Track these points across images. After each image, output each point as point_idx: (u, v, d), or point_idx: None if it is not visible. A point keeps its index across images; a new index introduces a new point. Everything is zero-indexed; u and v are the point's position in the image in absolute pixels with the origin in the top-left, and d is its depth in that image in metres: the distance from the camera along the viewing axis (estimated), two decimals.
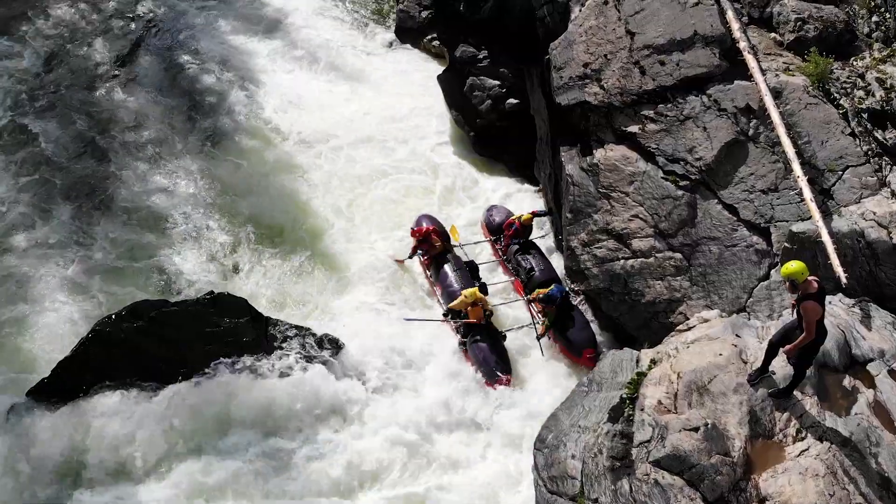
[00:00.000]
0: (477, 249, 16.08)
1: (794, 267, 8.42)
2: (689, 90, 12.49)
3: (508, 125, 17.81)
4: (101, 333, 11.95)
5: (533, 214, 15.55)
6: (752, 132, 11.90)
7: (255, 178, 17.34)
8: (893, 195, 10.83)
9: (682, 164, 12.31)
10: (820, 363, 9.20)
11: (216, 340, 12.29)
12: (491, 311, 13.89)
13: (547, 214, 15.96)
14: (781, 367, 9.12)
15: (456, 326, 13.92)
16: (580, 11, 14.03)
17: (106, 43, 21.21)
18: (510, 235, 15.47)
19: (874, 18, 12.63)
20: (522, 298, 14.78)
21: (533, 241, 15.59)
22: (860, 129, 11.47)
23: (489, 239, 16.24)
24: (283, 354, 12.57)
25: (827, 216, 10.73)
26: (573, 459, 9.72)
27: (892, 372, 9.21)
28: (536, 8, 15.49)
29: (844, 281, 10.10)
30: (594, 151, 13.33)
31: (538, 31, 15.46)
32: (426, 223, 15.59)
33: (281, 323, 13.07)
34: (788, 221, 11.19)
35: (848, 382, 9.19)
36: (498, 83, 17.95)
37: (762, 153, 11.77)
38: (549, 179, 15.68)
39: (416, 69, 21.39)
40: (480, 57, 18.21)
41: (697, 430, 8.64)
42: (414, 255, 15.29)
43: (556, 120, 14.57)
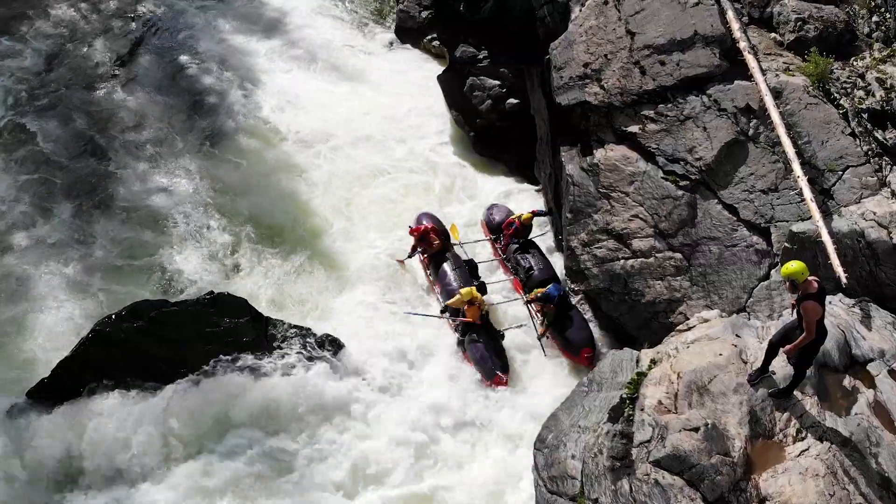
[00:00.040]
0: (477, 248, 16.07)
1: (794, 267, 8.42)
2: (689, 90, 12.48)
3: (508, 125, 17.77)
4: (101, 333, 11.98)
5: (533, 214, 15.54)
6: (752, 132, 11.89)
7: (254, 177, 17.34)
8: (893, 195, 10.83)
9: (682, 164, 12.30)
10: (820, 363, 9.20)
11: (216, 340, 12.31)
12: (487, 310, 13.87)
13: (547, 214, 15.94)
14: (781, 367, 9.12)
15: (455, 325, 13.93)
16: (580, 11, 14.03)
17: (106, 42, 21.25)
18: (510, 234, 15.45)
19: (874, 18, 12.63)
20: (521, 297, 14.78)
21: (532, 240, 15.57)
22: (860, 129, 11.47)
23: (489, 238, 16.22)
24: (283, 354, 12.58)
25: (827, 216, 10.72)
26: (573, 459, 9.72)
27: (892, 372, 9.21)
28: (536, 8, 15.47)
29: (844, 281, 10.10)
30: (594, 151, 13.33)
31: (538, 31, 15.44)
32: (426, 221, 15.59)
33: (281, 323, 13.07)
34: (788, 221, 11.18)
35: (848, 382, 9.19)
36: (498, 83, 17.93)
37: (762, 153, 11.77)
38: (549, 179, 15.67)
39: (415, 69, 21.34)
40: (480, 57, 18.18)
41: (697, 430, 8.64)
42: (414, 253, 15.28)
43: (556, 120, 14.57)
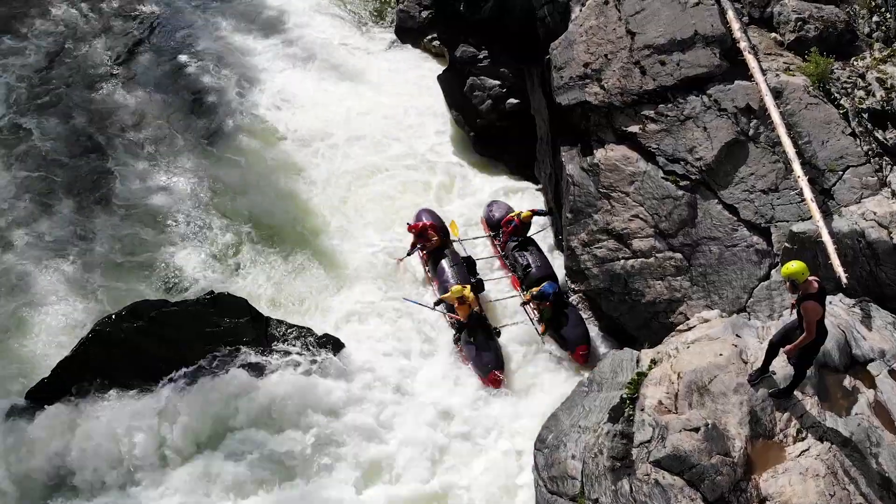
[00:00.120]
0: (478, 245, 16.07)
1: (794, 267, 8.42)
2: (689, 90, 12.47)
3: (509, 125, 17.75)
4: (101, 333, 11.97)
5: (533, 213, 15.54)
6: (752, 132, 11.89)
7: (253, 176, 17.35)
8: (894, 195, 10.82)
9: (682, 164, 12.30)
10: (820, 363, 9.20)
11: (216, 340, 12.30)
12: (480, 309, 13.81)
13: (547, 214, 15.93)
14: (782, 367, 9.12)
15: (451, 322, 13.93)
16: (580, 11, 14.01)
17: (106, 41, 21.27)
18: (509, 232, 15.46)
19: (875, 18, 12.62)
20: (519, 294, 14.78)
21: (531, 237, 15.57)
22: (861, 129, 11.46)
23: (489, 234, 16.24)
24: (283, 354, 12.57)
25: (827, 216, 10.72)
26: (573, 460, 9.73)
27: (892, 372, 9.20)
28: (537, 8, 15.46)
29: (845, 281, 10.10)
30: (594, 151, 13.32)
31: (538, 30, 15.43)
32: (425, 218, 15.60)
33: (281, 323, 13.07)
34: (789, 221, 11.18)
35: (848, 382, 9.19)
36: (498, 83, 17.91)
37: (762, 153, 11.76)
38: (549, 179, 15.67)
39: (415, 69, 21.32)
40: (481, 57, 18.15)
41: (698, 430, 8.64)
42: (413, 251, 15.28)
43: (556, 120, 14.56)
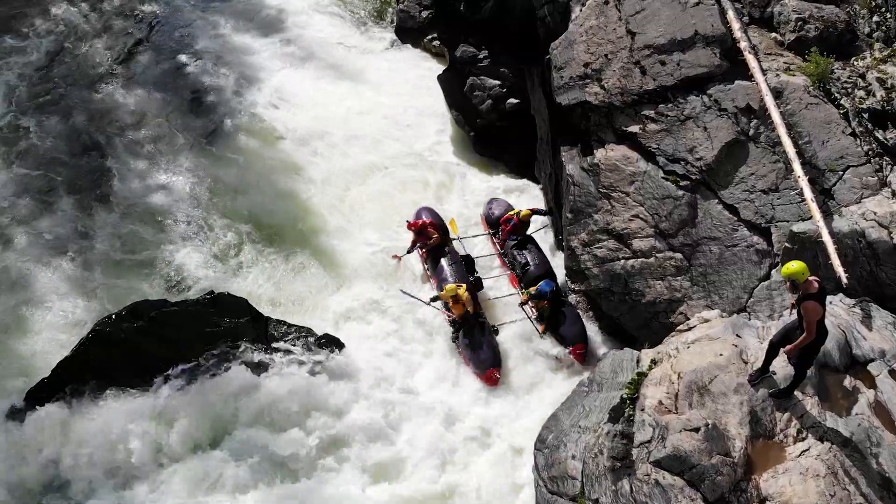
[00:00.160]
0: (478, 243, 16.06)
1: (794, 267, 8.41)
2: (689, 90, 12.46)
3: (509, 125, 17.76)
4: (101, 333, 11.99)
5: (532, 212, 15.54)
6: (752, 132, 11.88)
7: (252, 175, 17.37)
8: (894, 195, 10.81)
9: (682, 164, 12.29)
10: (820, 363, 9.20)
11: (216, 340, 12.31)
12: (471, 309, 13.78)
13: (547, 214, 15.93)
14: (782, 367, 9.12)
15: (450, 320, 13.93)
16: (581, 11, 14.01)
17: (106, 41, 21.31)
18: (508, 230, 15.47)
19: (875, 18, 12.61)
20: (517, 292, 14.78)
21: (531, 236, 15.58)
22: (861, 129, 11.46)
23: (488, 232, 16.25)
24: (283, 354, 12.58)
25: (827, 216, 10.72)
26: (573, 460, 9.73)
27: (892, 372, 9.20)
28: (537, 8, 15.46)
29: (845, 281, 10.10)
30: (595, 151, 13.32)
31: (539, 30, 15.43)
32: (425, 216, 15.62)
33: (281, 323, 13.08)
34: (789, 221, 11.18)
35: (849, 383, 9.19)
36: (498, 83, 17.91)
37: (763, 153, 11.76)
38: (549, 179, 15.66)
39: (416, 69, 21.33)
40: (481, 57, 18.16)
41: (698, 430, 8.64)
42: (413, 248, 15.30)
43: (556, 120, 14.56)
